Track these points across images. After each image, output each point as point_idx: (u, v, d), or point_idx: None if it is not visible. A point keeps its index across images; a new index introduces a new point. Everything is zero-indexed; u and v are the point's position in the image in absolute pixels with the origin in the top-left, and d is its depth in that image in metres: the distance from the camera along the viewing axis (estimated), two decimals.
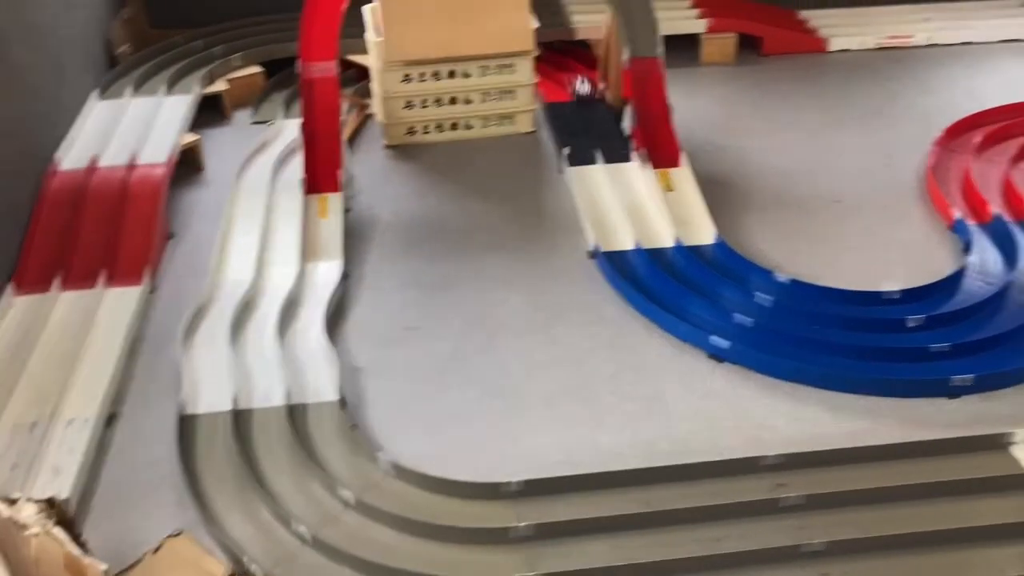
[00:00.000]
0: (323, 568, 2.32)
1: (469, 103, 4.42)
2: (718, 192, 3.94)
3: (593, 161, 4.11)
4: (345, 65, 4.72)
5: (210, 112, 4.62)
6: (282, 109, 4.63)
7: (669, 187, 3.89)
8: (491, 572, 2.30)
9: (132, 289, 3.31)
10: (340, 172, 3.91)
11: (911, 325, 3.05)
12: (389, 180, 4.17)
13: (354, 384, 2.96)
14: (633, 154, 4.11)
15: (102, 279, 3.32)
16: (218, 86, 4.73)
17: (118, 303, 3.24)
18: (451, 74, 4.34)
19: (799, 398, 2.85)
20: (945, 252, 3.56)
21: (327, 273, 3.41)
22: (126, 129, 4.19)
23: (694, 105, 4.75)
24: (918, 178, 4.07)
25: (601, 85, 4.73)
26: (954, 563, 2.30)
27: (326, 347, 3.01)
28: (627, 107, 4.31)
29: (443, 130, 4.46)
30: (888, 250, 3.60)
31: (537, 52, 4.39)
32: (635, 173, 4.01)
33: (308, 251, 3.53)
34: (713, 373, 2.97)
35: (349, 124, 4.53)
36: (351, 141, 4.45)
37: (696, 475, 2.50)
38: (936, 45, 5.42)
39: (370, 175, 4.19)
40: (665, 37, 4.19)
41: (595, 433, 2.75)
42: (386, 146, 4.43)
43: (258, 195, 3.86)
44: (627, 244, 3.54)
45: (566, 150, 4.17)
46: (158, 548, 2.26)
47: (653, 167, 3.97)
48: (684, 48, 5.16)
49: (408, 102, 4.36)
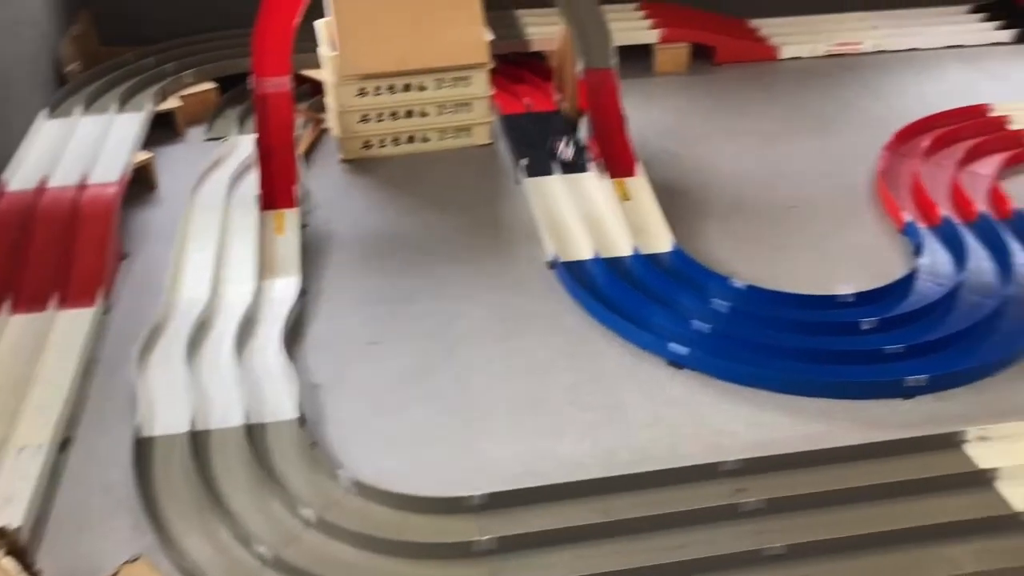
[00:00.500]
0: None
1: (425, 116, 4.42)
2: (674, 200, 3.97)
3: (550, 172, 4.12)
4: (299, 80, 4.70)
5: (163, 129, 4.57)
6: (236, 125, 4.59)
7: (626, 196, 3.92)
8: None
9: (85, 311, 3.25)
10: (296, 187, 3.89)
11: (865, 328, 3.09)
12: (346, 194, 4.15)
13: (314, 401, 2.93)
14: (590, 164, 4.14)
15: (54, 301, 3.26)
16: (171, 103, 4.68)
17: (71, 325, 3.19)
18: (406, 87, 4.34)
19: (757, 403, 2.88)
20: (897, 255, 3.62)
21: (284, 290, 3.39)
22: (76, 148, 4.12)
23: (649, 114, 4.80)
24: (869, 183, 4.14)
25: (556, 96, 4.76)
26: (912, 561, 2.33)
27: (284, 365, 2.98)
28: (583, 118, 4.34)
29: (399, 143, 4.45)
30: (842, 254, 3.65)
31: (492, 64, 4.41)
32: (592, 183, 4.03)
33: (265, 268, 3.50)
34: (672, 380, 2.99)
35: (304, 139, 4.51)
36: (307, 156, 4.42)
37: (657, 483, 2.51)
38: (884, 52, 5.54)
39: (327, 190, 4.17)
40: (619, 48, 4.23)
41: (556, 443, 2.75)
42: (342, 160, 4.41)
43: (213, 212, 3.82)
44: (586, 254, 3.56)
45: (523, 161, 4.18)
46: (115, 575, 2.22)
47: (610, 177, 3.99)
48: (638, 58, 5.21)
49: (364, 116, 4.35)
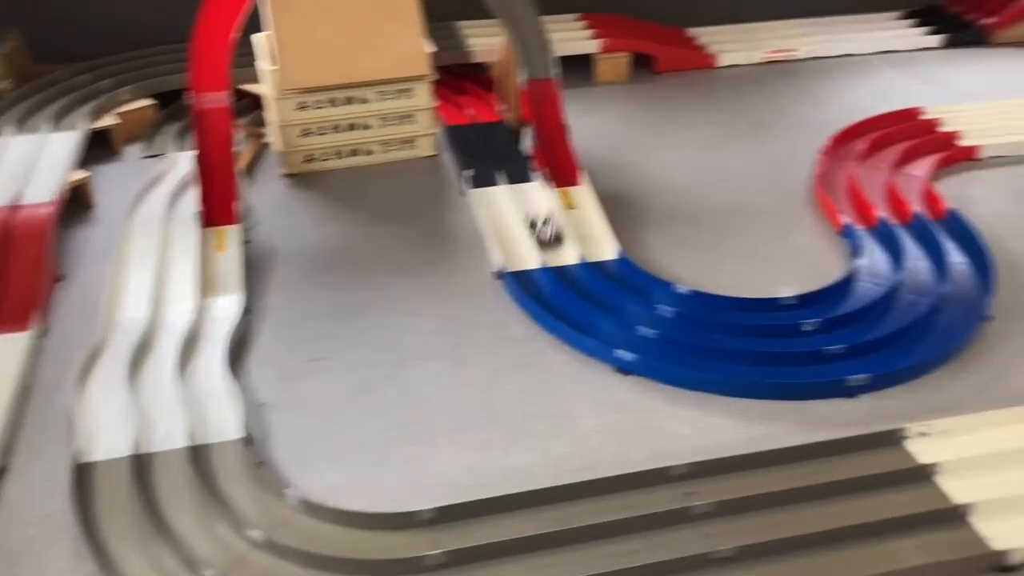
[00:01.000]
0: None
1: (368, 128, 4.40)
2: (619, 208, 4.01)
3: (495, 182, 4.13)
4: (239, 95, 4.65)
5: (100, 148, 4.48)
6: (175, 142, 4.52)
7: (571, 205, 3.94)
8: None
9: (19, 335, 3.17)
10: (237, 203, 3.84)
11: (807, 329, 3.14)
12: (289, 209, 4.11)
13: (260, 420, 2.89)
14: (534, 174, 4.15)
15: None
16: (107, 121, 4.59)
17: (4, 350, 3.10)
18: (348, 100, 4.32)
19: (704, 406, 2.91)
20: (836, 257, 3.69)
21: (227, 307, 3.33)
22: (9, 168, 4.02)
23: (592, 124, 4.84)
24: (807, 186, 4.22)
25: (499, 106, 4.77)
26: (859, 557, 2.36)
27: (229, 384, 2.94)
28: (526, 128, 4.36)
29: (343, 156, 4.42)
30: (782, 257, 3.71)
31: (435, 76, 4.40)
32: (537, 193, 4.05)
33: (206, 286, 3.44)
34: (620, 386, 3.01)
35: (245, 154, 4.46)
36: (248, 171, 4.37)
37: (607, 489, 2.52)
38: (819, 58, 5.66)
39: (269, 205, 4.12)
40: (560, 58, 4.26)
41: (506, 454, 2.75)
42: (284, 175, 4.37)
43: (152, 231, 3.76)
44: (532, 263, 3.57)
45: (468, 172, 4.18)
46: None
47: (555, 186, 4.01)
48: (579, 68, 5.26)
49: (305, 130, 4.31)
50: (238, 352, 3.18)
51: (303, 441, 2.82)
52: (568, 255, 3.60)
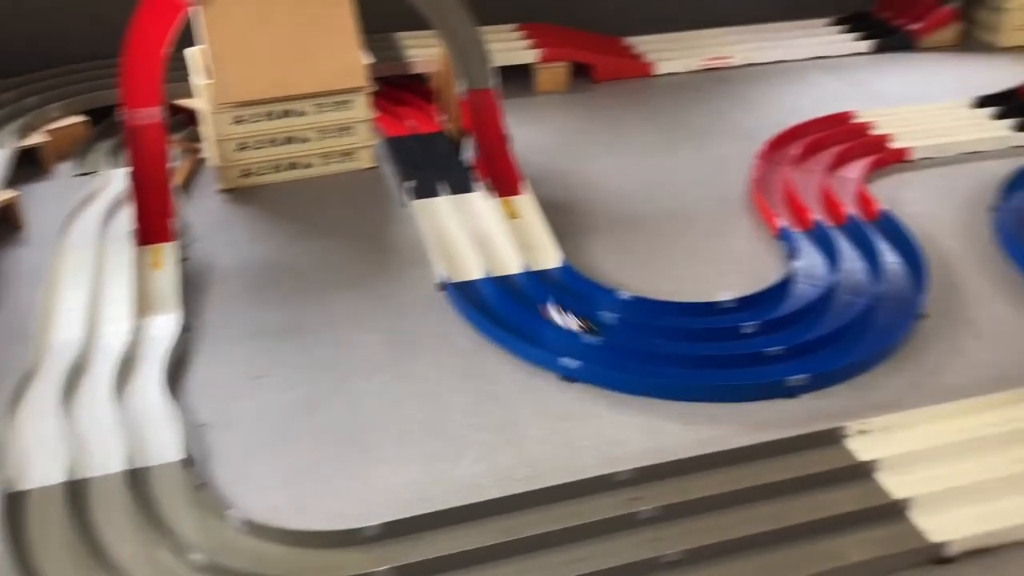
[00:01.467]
0: None
1: (306, 141, 4.35)
2: (561, 216, 4.02)
3: (437, 193, 4.12)
4: (174, 110, 4.57)
5: (29, 167, 4.37)
6: (109, 159, 4.43)
7: (513, 215, 3.94)
8: None
9: None
10: (173, 220, 3.77)
11: (746, 331, 3.18)
12: (227, 225, 4.05)
13: (200, 441, 2.83)
14: (476, 184, 4.15)
15: None
16: (36, 138, 4.47)
17: None
18: (286, 113, 4.27)
19: (648, 411, 2.93)
20: (773, 259, 3.75)
21: (164, 327, 3.27)
22: None
23: (533, 133, 4.85)
24: (744, 191, 4.28)
25: (440, 117, 4.76)
26: (804, 556, 2.39)
27: (167, 405, 2.87)
28: (467, 138, 4.36)
29: (281, 170, 4.37)
30: (721, 261, 3.76)
31: (373, 87, 4.38)
32: (479, 203, 4.04)
33: (143, 305, 3.37)
34: (565, 394, 3.01)
35: (181, 170, 4.38)
36: (184, 187, 4.30)
37: (554, 498, 2.52)
38: (753, 64, 5.76)
39: (207, 221, 4.05)
40: (500, 68, 4.26)
41: (452, 467, 2.73)
42: (221, 190, 4.30)
43: (85, 250, 3.67)
44: (475, 274, 3.56)
45: (409, 184, 4.16)
46: None
47: (497, 196, 4.01)
48: (519, 78, 5.28)
49: (242, 144, 4.26)
50: (177, 372, 3.11)
51: (245, 461, 2.77)
52: (511, 264, 3.60)
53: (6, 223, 3.92)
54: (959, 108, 4.99)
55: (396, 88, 5.15)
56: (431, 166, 4.35)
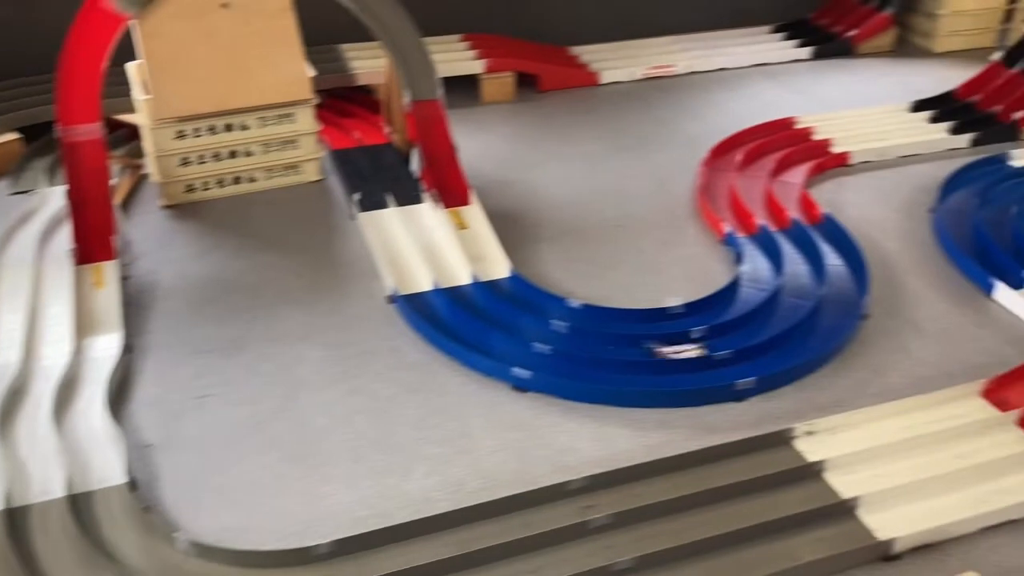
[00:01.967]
0: None
1: (250, 155, 4.30)
2: (509, 226, 4.02)
3: (385, 205, 4.09)
4: (114, 125, 4.49)
5: None
6: (45, 176, 4.32)
7: (462, 225, 3.93)
8: None
9: None
10: (114, 238, 3.69)
11: (695, 336, 3.21)
12: (170, 242, 3.97)
13: (145, 463, 2.77)
14: (424, 195, 4.13)
15: None
16: None
17: None
18: (228, 127, 4.21)
19: (599, 418, 2.93)
20: (720, 264, 3.79)
21: (106, 347, 3.19)
22: None
23: (480, 143, 4.85)
24: (690, 197, 4.33)
25: (387, 129, 4.74)
26: (757, 558, 2.41)
27: (110, 427, 2.80)
28: (414, 149, 4.34)
29: (225, 185, 4.31)
30: (669, 267, 3.79)
31: (317, 100, 4.34)
32: (427, 214, 4.03)
33: (83, 326, 3.29)
34: (517, 404, 3.00)
35: (122, 187, 4.29)
36: (125, 204, 4.21)
37: (506, 509, 2.51)
38: (696, 72, 5.83)
39: (149, 238, 3.98)
40: (445, 79, 4.25)
41: (404, 481, 2.71)
42: (164, 206, 4.23)
43: (22, 271, 3.57)
44: (425, 285, 3.54)
45: (356, 196, 4.13)
46: None
47: (444, 207, 4.00)
48: (465, 88, 5.28)
49: (184, 159, 4.19)
50: (120, 393, 3.04)
51: (192, 481, 2.71)
52: (460, 274, 3.59)
53: None
54: (897, 112, 5.10)
55: (341, 100, 5.11)
56: (378, 178, 4.33)
